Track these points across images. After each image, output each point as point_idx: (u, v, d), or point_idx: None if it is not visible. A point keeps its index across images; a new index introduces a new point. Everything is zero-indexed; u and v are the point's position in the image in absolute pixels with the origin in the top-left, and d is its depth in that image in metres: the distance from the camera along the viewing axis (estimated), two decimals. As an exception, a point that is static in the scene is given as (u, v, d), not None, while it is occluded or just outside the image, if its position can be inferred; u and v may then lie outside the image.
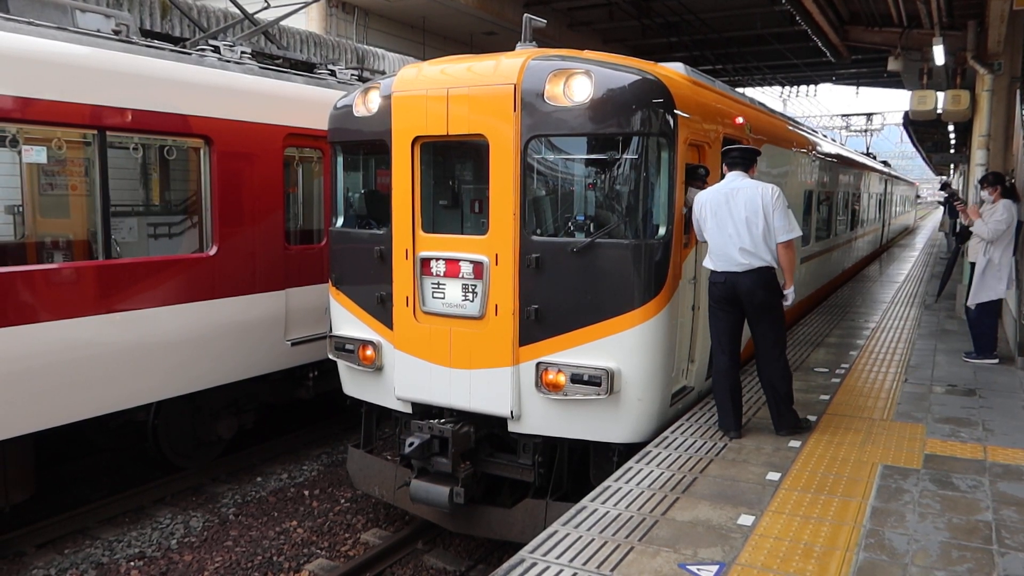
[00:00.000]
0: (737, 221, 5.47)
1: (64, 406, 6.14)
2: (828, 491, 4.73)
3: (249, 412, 8.17)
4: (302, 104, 8.07)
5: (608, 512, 4.41)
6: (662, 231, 5.50)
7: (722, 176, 5.86)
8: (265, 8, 10.07)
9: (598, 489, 4.77)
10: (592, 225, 5.65)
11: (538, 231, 5.65)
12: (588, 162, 5.82)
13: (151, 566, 6.27)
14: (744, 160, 5.73)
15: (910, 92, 16.79)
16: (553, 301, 5.51)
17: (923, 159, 51.43)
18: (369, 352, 6.26)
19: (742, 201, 5.49)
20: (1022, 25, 12.30)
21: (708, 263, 5.71)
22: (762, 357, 5.73)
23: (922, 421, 6.18)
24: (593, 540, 4.07)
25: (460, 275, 5.79)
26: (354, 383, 6.62)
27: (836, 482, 4.88)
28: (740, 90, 10.37)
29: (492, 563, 6.28)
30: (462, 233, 6.16)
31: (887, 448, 5.53)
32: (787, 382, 5.72)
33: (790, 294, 5.68)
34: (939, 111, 16.22)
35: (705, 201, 5.64)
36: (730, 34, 22.31)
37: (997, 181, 8.47)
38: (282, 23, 11.20)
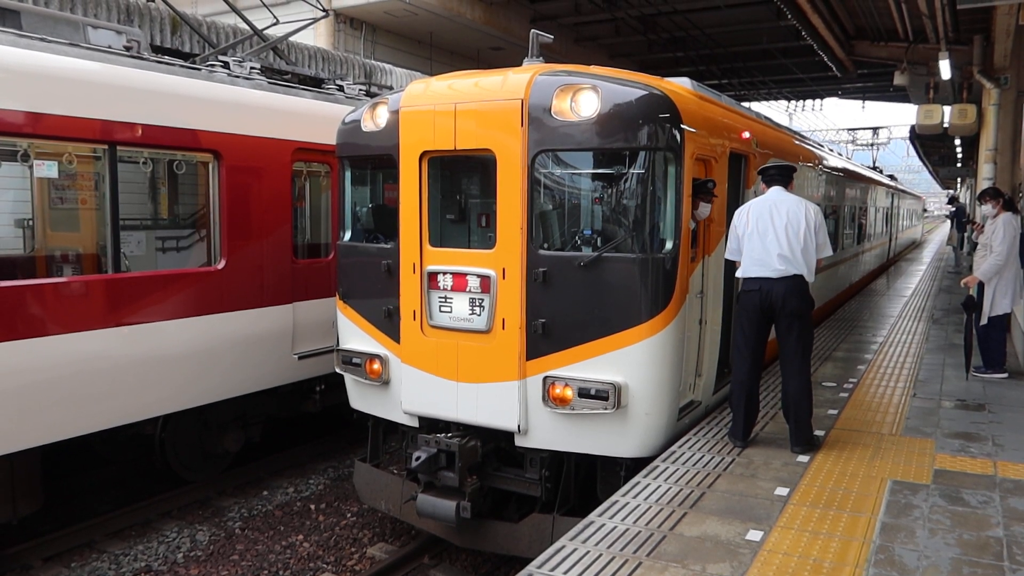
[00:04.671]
0: (778, 228, 5.57)
1: (72, 419, 6.15)
2: (837, 506, 4.71)
3: (256, 425, 8.17)
4: (310, 119, 8.12)
5: (616, 527, 4.40)
6: (669, 245, 5.50)
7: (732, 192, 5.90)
8: (274, 24, 10.16)
9: (605, 504, 4.75)
10: (599, 239, 5.66)
11: (545, 245, 5.66)
12: (595, 176, 5.83)
13: (157, 580, 6.27)
14: (783, 177, 5.92)
15: (916, 106, 16.85)
16: (560, 315, 5.51)
17: (930, 173, 51.48)
18: (376, 366, 6.26)
19: (784, 211, 5.63)
20: (1028, 39, 12.36)
21: (742, 272, 5.77)
22: (787, 367, 5.70)
23: (931, 436, 6.14)
24: (601, 555, 4.05)
25: (467, 289, 5.79)
26: (361, 397, 6.62)
27: (845, 497, 4.85)
28: (746, 104, 10.40)
29: (499, 578, 6.26)
30: (469, 247, 6.17)
31: (896, 463, 5.49)
32: (808, 396, 5.69)
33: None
34: (945, 125, 16.25)
35: (749, 209, 5.76)
36: (736, 49, 22.42)
37: (997, 195, 8.53)
38: (291, 39, 11.30)
